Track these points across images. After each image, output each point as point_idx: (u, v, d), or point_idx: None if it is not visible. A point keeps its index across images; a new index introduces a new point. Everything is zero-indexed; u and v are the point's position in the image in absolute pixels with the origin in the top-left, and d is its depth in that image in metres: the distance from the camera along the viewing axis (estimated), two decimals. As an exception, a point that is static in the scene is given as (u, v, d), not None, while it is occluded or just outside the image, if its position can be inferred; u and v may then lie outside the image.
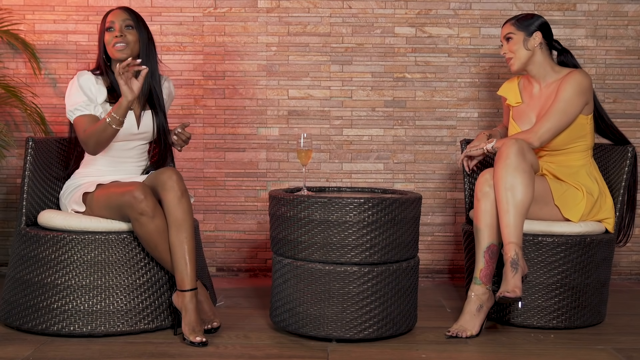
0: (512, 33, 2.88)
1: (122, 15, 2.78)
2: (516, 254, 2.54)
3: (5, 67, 3.60)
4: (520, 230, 2.58)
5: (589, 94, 2.82)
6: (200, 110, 3.64)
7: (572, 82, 2.79)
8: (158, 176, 2.59)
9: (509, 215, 2.58)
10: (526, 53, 2.87)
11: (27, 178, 2.71)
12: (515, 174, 2.60)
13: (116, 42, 2.74)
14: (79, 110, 2.71)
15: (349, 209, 2.47)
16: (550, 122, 2.77)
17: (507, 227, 2.58)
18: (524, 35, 2.86)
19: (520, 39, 2.87)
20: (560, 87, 2.80)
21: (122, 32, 2.75)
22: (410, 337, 2.62)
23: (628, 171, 2.90)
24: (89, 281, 2.56)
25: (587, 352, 2.49)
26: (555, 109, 2.78)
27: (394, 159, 3.67)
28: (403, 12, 3.63)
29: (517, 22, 2.88)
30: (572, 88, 2.78)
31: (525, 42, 2.86)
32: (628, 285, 3.59)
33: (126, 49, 2.75)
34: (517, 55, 2.87)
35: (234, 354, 2.41)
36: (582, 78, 2.79)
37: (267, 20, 3.63)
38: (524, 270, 2.56)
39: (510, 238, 2.56)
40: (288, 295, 2.58)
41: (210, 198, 3.67)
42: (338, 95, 3.66)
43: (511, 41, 2.88)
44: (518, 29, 2.87)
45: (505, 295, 2.48)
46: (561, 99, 2.78)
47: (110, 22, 2.76)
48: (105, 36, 2.77)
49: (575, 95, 2.78)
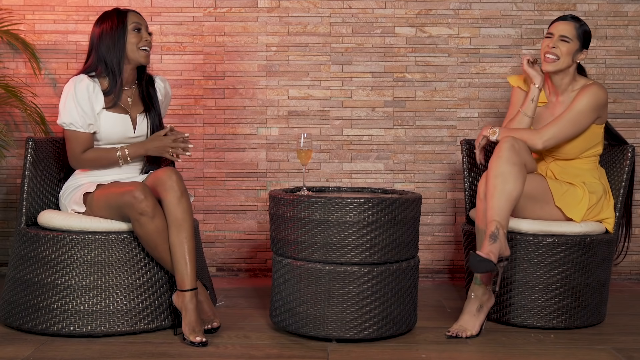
0: (570, 39, 2.78)
1: (144, 21, 2.78)
2: (497, 229, 2.52)
3: (5, 67, 3.60)
4: (506, 214, 2.57)
5: (604, 108, 2.80)
6: (200, 110, 3.64)
7: (589, 95, 2.75)
8: (158, 176, 2.59)
9: (495, 198, 2.58)
10: (569, 63, 2.81)
11: (27, 178, 2.71)
12: (506, 164, 2.61)
13: (145, 46, 2.74)
14: (74, 125, 2.70)
15: (349, 209, 2.47)
16: (559, 129, 2.76)
17: (492, 208, 2.57)
18: (579, 46, 2.80)
19: (574, 48, 2.79)
20: (578, 97, 2.78)
21: (149, 38, 2.77)
22: (410, 337, 2.62)
23: (628, 171, 2.90)
24: (89, 281, 2.56)
25: (587, 352, 2.48)
26: (567, 117, 2.76)
27: (394, 159, 3.67)
28: (403, 12, 3.63)
29: (580, 28, 2.79)
30: (588, 101, 2.75)
31: (576, 54, 2.80)
32: (628, 285, 3.59)
33: (149, 55, 2.78)
34: (562, 60, 2.80)
35: (234, 354, 2.41)
36: (600, 93, 2.76)
37: (267, 20, 3.63)
38: (502, 251, 2.52)
39: (494, 216, 2.55)
40: (288, 295, 2.58)
41: (210, 198, 3.67)
42: (338, 95, 3.66)
43: (566, 44, 2.79)
44: (578, 37, 2.79)
45: (478, 253, 2.43)
46: (575, 109, 2.76)
47: (137, 23, 2.74)
48: (130, 36, 2.72)
49: (590, 109, 2.76)
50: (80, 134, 2.70)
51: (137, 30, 2.73)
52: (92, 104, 2.70)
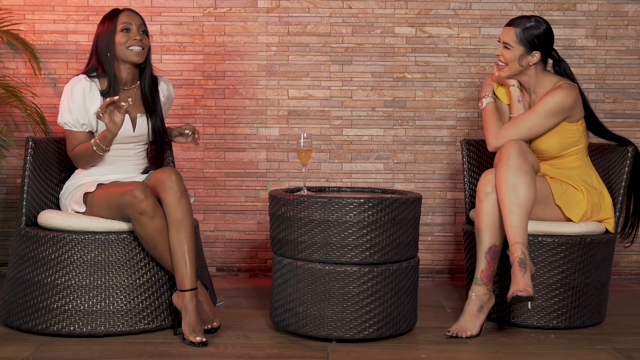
0: (511, 45, 2.75)
1: (138, 20, 2.76)
2: (523, 253, 2.53)
3: (5, 67, 3.60)
4: (525, 230, 2.58)
5: (570, 110, 2.75)
6: (200, 110, 3.64)
7: (552, 100, 2.72)
8: (158, 176, 2.59)
9: (514, 215, 2.57)
10: (519, 68, 2.78)
11: (27, 178, 2.71)
12: (518, 174, 2.59)
13: (134, 45, 2.72)
14: (67, 125, 2.72)
15: (349, 209, 2.47)
16: (515, 132, 2.74)
17: (512, 227, 2.56)
18: (522, 51, 2.75)
19: (517, 53, 2.75)
20: (540, 100, 2.75)
21: (140, 36, 2.74)
22: (410, 337, 2.62)
23: (628, 171, 2.90)
24: (89, 281, 2.56)
25: (587, 352, 2.49)
26: (525, 121, 2.75)
27: (394, 159, 3.67)
28: (403, 12, 3.63)
29: (520, 34, 2.73)
30: (549, 105, 2.72)
31: (521, 59, 2.76)
32: (628, 285, 3.59)
33: (143, 53, 2.75)
34: (510, 66, 2.79)
35: (234, 354, 2.41)
36: (564, 97, 2.72)
37: (267, 20, 3.63)
38: (531, 270, 2.54)
39: (516, 238, 2.55)
40: (288, 295, 2.58)
41: (210, 198, 3.67)
42: (338, 95, 3.66)
43: (508, 51, 2.77)
44: (519, 42, 2.74)
45: (518, 294, 2.46)
46: (535, 112, 2.74)
47: (126, 23, 2.73)
48: (118, 36, 2.72)
49: (551, 114, 2.72)
50: (75, 133, 2.72)
51: (125, 30, 2.73)
52: (87, 104, 2.71)
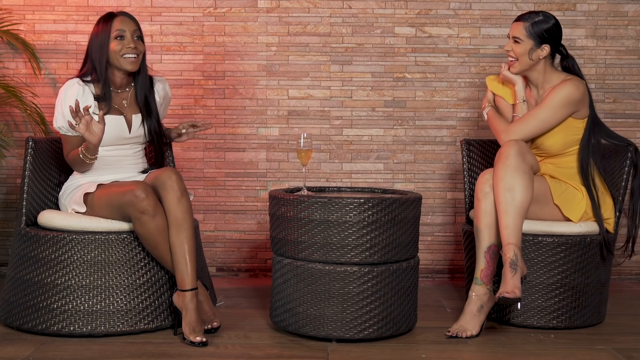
0: (521, 39, 2.77)
1: (132, 25, 2.72)
2: (515, 254, 2.54)
3: (5, 67, 3.60)
4: (519, 231, 2.58)
5: (578, 104, 2.77)
6: (200, 110, 3.64)
7: (561, 92, 2.74)
8: (158, 176, 2.59)
9: (508, 216, 2.57)
10: (529, 62, 2.80)
11: (27, 178, 2.71)
12: (515, 175, 2.59)
13: (129, 53, 2.69)
14: (62, 130, 2.72)
15: (349, 209, 2.47)
16: (527, 127, 2.76)
17: (506, 228, 2.57)
18: (532, 45, 2.77)
19: (527, 47, 2.78)
20: (549, 94, 2.77)
21: (134, 43, 2.71)
22: (410, 337, 2.62)
23: (628, 171, 2.90)
24: (89, 281, 2.56)
25: (587, 352, 2.49)
26: (535, 115, 2.76)
27: (394, 159, 3.67)
28: (403, 12, 3.63)
29: (530, 28, 2.76)
30: (559, 98, 2.73)
31: (531, 52, 2.78)
32: (628, 285, 3.59)
33: (137, 61, 2.73)
34: (520, 61, 2.80)
35: (234, 354, 2.41)
36: (572, 89, 2.74)
37: (267, 20, 3.63)
38: (523, 271, 2.55)
39: (509, 239, 2.56)
40: (288, 295, 2.58)
41: (210, 198, 3.67)
42: (338, 95, 3.66)
43: (518, 45, 2.79)
44: (529, 36, 2.76)
45: (505, 295, 2.48)
46: (545, 106, 2.75)
47: (120, 31, 2.69)
48: (112, 44, 2.69)
49: (561, 106, 2.74)
50: (70, 137, 2.72)
51: (119, 38, 2.69)
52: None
